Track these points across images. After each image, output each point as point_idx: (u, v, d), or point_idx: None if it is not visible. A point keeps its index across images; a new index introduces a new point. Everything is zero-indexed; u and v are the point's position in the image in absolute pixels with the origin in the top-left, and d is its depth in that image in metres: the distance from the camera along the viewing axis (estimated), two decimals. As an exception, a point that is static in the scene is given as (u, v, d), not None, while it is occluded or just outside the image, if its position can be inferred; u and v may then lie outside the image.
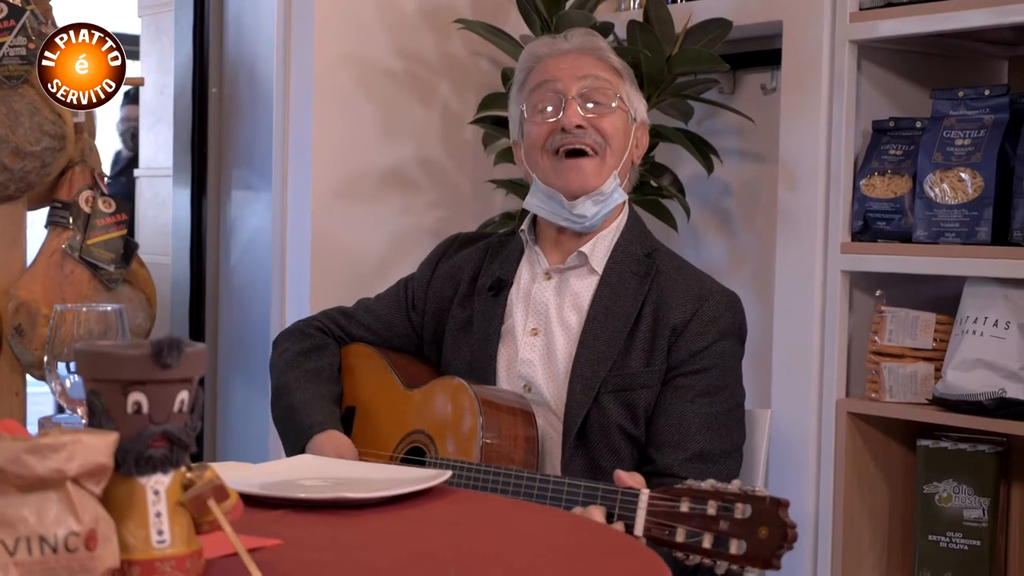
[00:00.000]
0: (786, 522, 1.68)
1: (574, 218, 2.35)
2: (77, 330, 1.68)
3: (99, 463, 1.15)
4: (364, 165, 3.52)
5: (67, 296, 3.25)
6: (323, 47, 3.44)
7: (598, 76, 2.37)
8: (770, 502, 1.69)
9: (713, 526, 1.71)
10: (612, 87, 2.38)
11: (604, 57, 2.41)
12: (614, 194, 2.36)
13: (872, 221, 2.87)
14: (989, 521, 2.76)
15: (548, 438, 2.30)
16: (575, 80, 2.36)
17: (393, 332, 2.53)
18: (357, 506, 1.64)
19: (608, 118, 2.36)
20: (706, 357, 2.27)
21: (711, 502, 1.73)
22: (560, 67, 2.38)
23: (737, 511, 1.70)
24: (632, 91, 2.43)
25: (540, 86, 2.39)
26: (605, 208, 2.36)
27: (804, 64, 2.97)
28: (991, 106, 2.77)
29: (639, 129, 2.43)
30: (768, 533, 1.68)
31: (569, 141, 2.34)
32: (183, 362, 1.21)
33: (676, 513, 1.76)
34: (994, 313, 2.71)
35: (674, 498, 1.77)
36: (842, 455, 2.90)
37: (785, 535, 1.68)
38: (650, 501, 1.82)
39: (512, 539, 1.57)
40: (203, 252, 4.11)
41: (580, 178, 2.34)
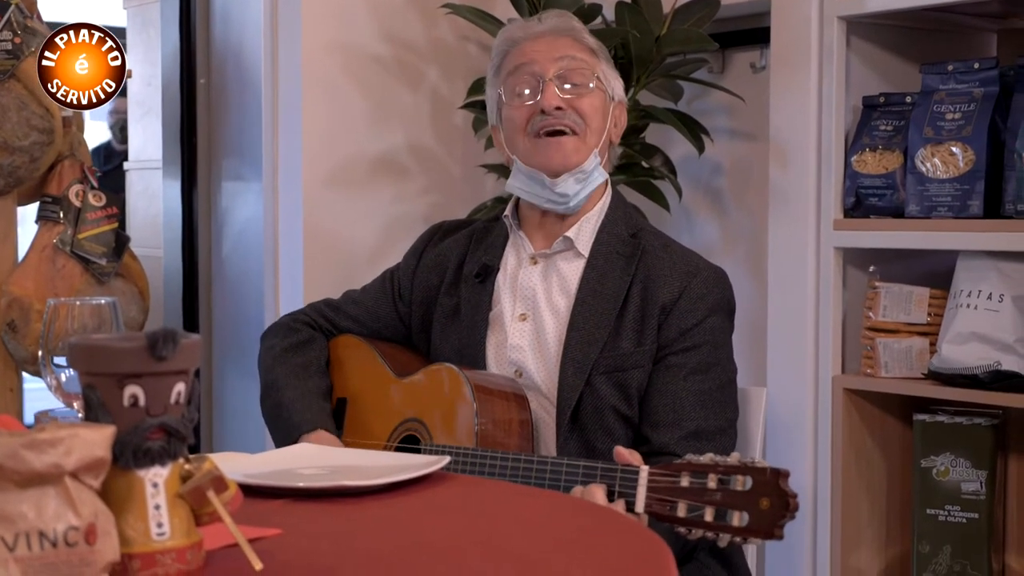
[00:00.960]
0: (787, 492, 1.68)
1: (556, 197, 2.35)
2: (71, 324, 1.67)
3: (97, 457, 1.15)
4: (354, 152, 3.51)
5: (59, 291, 3.24)
6: (310, 35, 3.43)
7: (574, 57, 2.37)
8: (770, 473, 1.69)
9: (714, 499, 1.71)
10: (589, 67, 2.37)
11: (579, 38, 2.41)
12: (595, 172, 2.36)
13: (864, 197, 2.87)
14: (987, 494, 2.77)
15: (541, 422, 2.30)
16: (552, 62, 2.36)
17: (381, 323, 2.53)
18: (356, 494, 1.64)
19: (586, 98, 2.36)
20: (696, 334, 2.27)
21: (711, 475, 1.73)
22: (536, 49, 2.38)
23: (737, 483, 1.70)
24: (609, 70, 2.42)
25: (517, 69, 2.39)
26: (587, 187, 2.36)
27: (793, 41, 2.96)
28: (981, 79, 2.77)
29: (617, 108, 2.43)
30: (770, 504, 1.68)
31: (549, 123, 2.34)
32: (179, 354, 1.20)
33: (677, 488, 1.76)
34: (987, 286, 2.71)
35: (674, 473, 1.77)
36: (839, 431, 2.90)
37: (787, 504, 1.68)
38: (650, 477, 1.82)
39: (513, 524, 1.57)
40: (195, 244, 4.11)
41: (561, 155, 2.34)
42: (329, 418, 2.38)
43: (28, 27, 3.16)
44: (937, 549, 2.81)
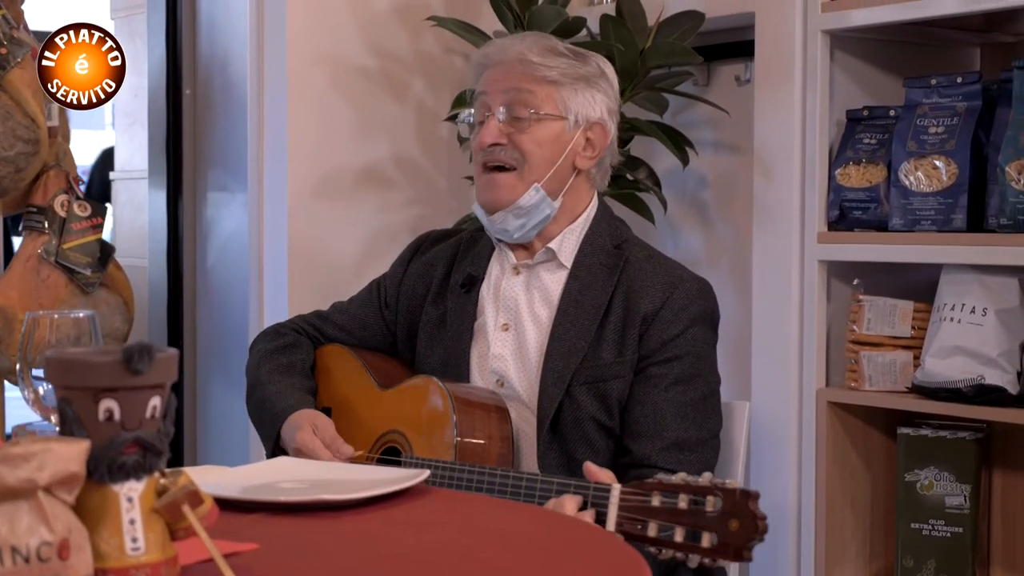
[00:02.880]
0: (756, 514, 1.68)
1: (498, 231, 2.38)
2: (50, 337, 1.67)
3: (71, 472, 1.14)
4: (340, 164, 3.51)
5: (44, 301, 3.23)
6: (296, 47, 3.43)
7: (520, 89, 2.35)
8: (740, 494, 1.69)
9: (684, 519, 1.71)
10: (536, 99, 2.34)
11: (531, 70, 2.35)
12: (540, 206, 2.34)
13: (848, 210, 2.87)
14: (971, 508, 2.77)
15: (522, 432, 2.30)
16: (499, 94, 2.36)
17: (368, 332, 2.54)
18: (334, 508, 1.64)
19: (527, 133, 2.34)
20: (678, 345, 2.26)
21: (682, 495, 1.73)
22: (490, 79, 2.39)
23: (708, 504, 1.70)
24: (576, 95, 2.37)
25: (476, 96, 2.42)
26: (531, 220, 2.35)
27: (777, 55, 2.97)
28: (964, 93, 2.78)
29: (591, 130, 2.39)
30: (739, 525, 1.68)
31: (488, 159, 2.36)
32: (154, 368, 1.20)
33: (648, 507, 1.76)
34: (971, 300, 2.71)
35: (645, 492, 1.77)
36: (823, 444, 2.90)
37: (756, 527, 1.68)
38: (622, 496, 1.82)
39: (489, 537, 1.56)
40: (180, 254, 4.10)
41: (493, 195, 2.35)
42: (312, 404, 2.38)
43: (14, 38, 3.16)
44: (921, 563, 2.81)
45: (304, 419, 2.30)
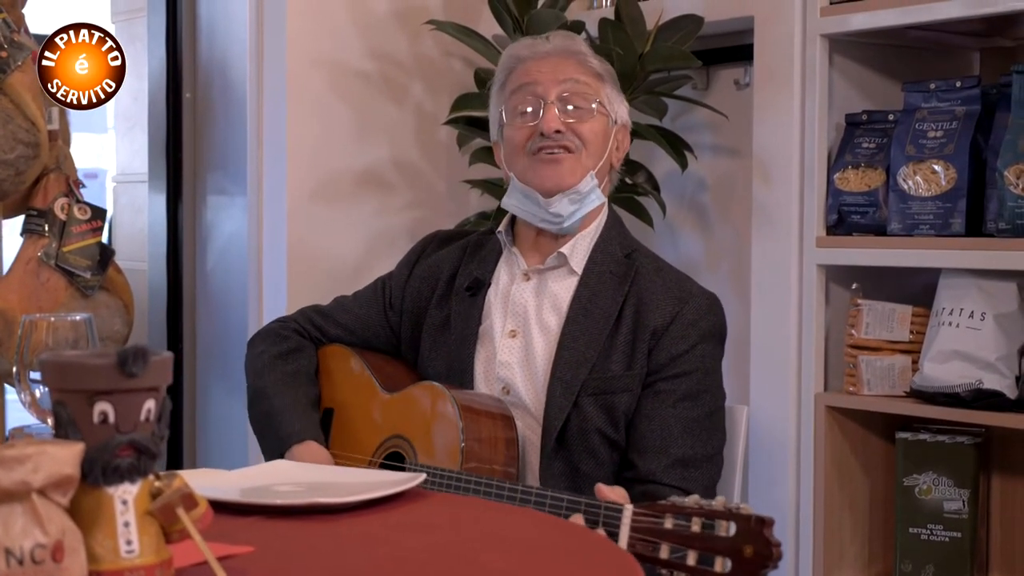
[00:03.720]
0: (771, 541, 1.66)
1: (550, 217, 2.35)
2: (47, 340, 1.67)
3: (65, 474, 1.14)
4: (339, 167, 3.51)
5: (43, 304, 3.23)
6: (295, 50, 3.43)
7: (578, 80, 2.36)
8: (755, 521, 1.68)
9: (697, 543, 1.70)
10: (592, 91, 2.36)
11: (584, 61, 2.39)
12: (591, 195, 2.35)
13: (847, 214, 2.87)
14: (969, 512, 2.77)
15: (527, 441, 2.28)
16: (555, 84, 2.35)
17: (371, 332, 2.53)
18: (331, 511, 1.64)
19: (587, 123, 2.35)
20: (687, 361, 2.26)
21: (695, 519, 1.71)
22: (540, 70, 2.37)
23: (721, 528, 1.69)
24: (614, 94, 2.41)
25: (520, 89, 2.38)
26: (582, 208, 2.35)
27: (776, 59, 2.97)
28: (962, 97, 2.78)
29: (620, 132, 2.42)
30: (753, 551, 1.67)
31: (547, 145, 2.33)
32: (149, 371, 1.20)
33: (660, 529, 1.74)
34: (969, 304, 2.71)
35: (658, 514, 1.76)
36: (822, 449, 2.90)
37: (770, 554, 1.66)
38: (634, 516, 1.80)
39: (488, 540, 1.56)
40: (179, 257, 4.10)
41: (556, 175, 2.33)
42: (319, 429, 2.38)
43: (15, 41, 3.16)
44: (920, 568, 2.80)
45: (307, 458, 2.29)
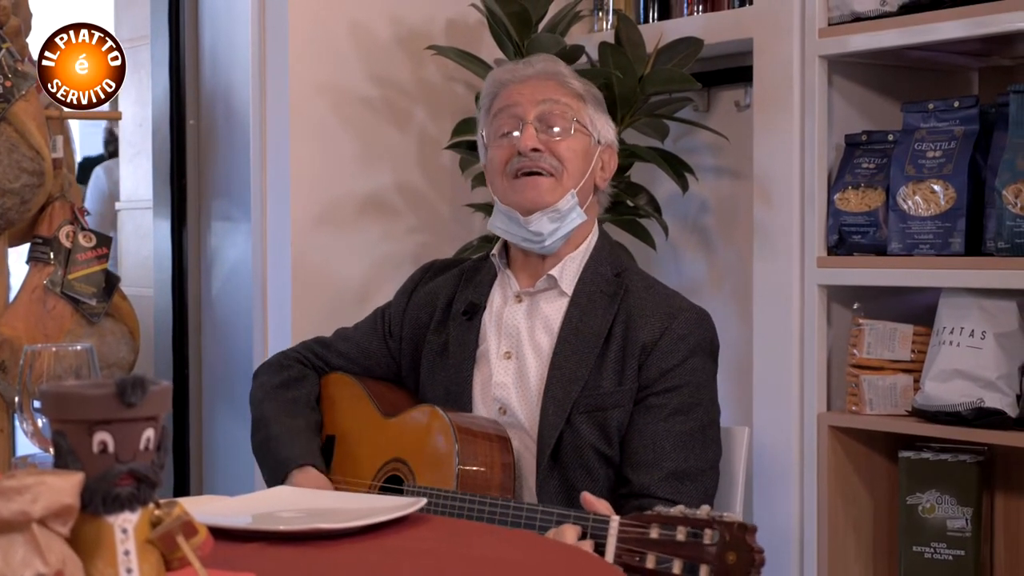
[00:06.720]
0: (753, 547, 1.68)
1: (531, 235, 2.37)
2: (50, 369, 1.68)
3: (64, 504, 1.15)
4: (342, 192, 3.52)
5: (50, 331, 3.25)
6: (298, 76, 3.45)
7: (557, 100, 2.39)
8: (737, 528, 1.69)
9: (682, 552, 1.72)
10: (572, 111, 2.40)
11: (564, 82, 2.43)
12: (572, 214, 2.38)
13: (847, 235, 2.88)
14: (973, 530, 2.77)
15: (523, 460, 2.31)
16: (533, 105, 2.39)
17: (372, 360, 2.55)
18: (332, 537, 1.65)
19: (565, 142, 2.38)
20: (677, 375, 2.28)
21: (680, 528, 1.73)
22: (521, 92, 2.41)
23: (706, 537, 1.71)
24: (596, 114, 2.44)
25: (501, 111, 2.42)
26: (563, 227, 2.38)
27: (776, 80, 2.98)
28: (961, 117, 2.79)
29: (605, 152, 2.45)
30: (736, 558, 1.69)
31: (526, 164, 2.37)
32: (148, 400, 1.21)
33: (646, 539, 1.77)
34: (970, 323, 2.72)
35: (644, 524, 1.78)
36: (825, 468, 2.90)
37: (752, 560, 1.68)
38: (620, 527, 1.82)
39: (486, 565, 1.57)
40: (184, 284, 4.12)
41: (534, 194, 2.36)
42: (318, 454, 2.39)
43: (19, 71, 3.17)
44: (924, 586, 2.81)
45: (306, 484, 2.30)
